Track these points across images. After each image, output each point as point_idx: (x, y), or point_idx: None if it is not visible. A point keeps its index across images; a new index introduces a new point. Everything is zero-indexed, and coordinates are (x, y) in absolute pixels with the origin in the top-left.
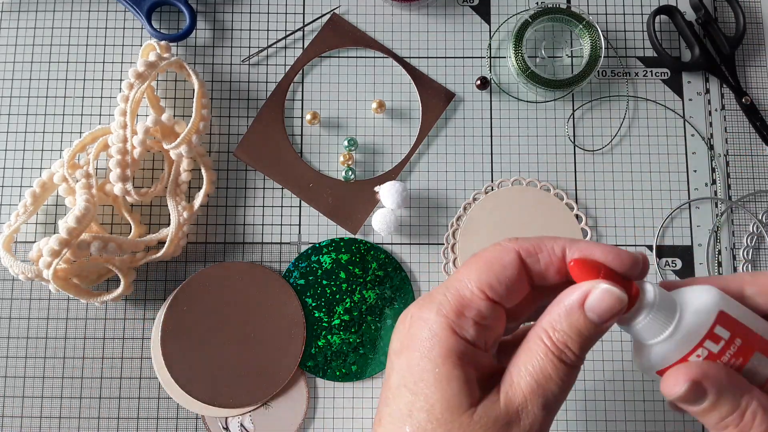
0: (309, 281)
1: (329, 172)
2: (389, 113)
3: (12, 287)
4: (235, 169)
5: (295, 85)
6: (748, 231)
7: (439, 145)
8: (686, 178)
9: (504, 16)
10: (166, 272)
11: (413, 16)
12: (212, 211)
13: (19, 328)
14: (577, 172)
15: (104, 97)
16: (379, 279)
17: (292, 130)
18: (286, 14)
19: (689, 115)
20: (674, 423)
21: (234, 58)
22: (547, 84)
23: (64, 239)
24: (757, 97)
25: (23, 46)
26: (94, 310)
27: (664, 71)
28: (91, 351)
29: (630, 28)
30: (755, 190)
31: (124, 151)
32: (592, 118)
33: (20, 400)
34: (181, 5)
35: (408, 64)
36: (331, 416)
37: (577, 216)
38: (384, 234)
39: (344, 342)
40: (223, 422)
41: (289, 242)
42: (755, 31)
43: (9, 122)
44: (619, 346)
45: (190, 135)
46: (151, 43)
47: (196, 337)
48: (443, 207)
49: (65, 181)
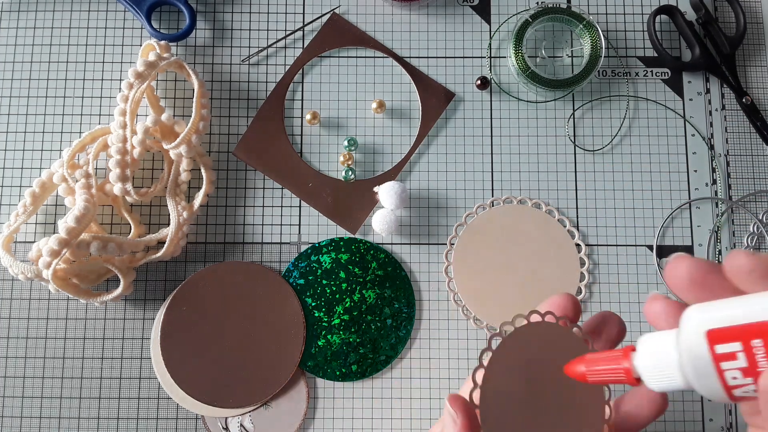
0: (309, 281)
1: (329, 172)
2: (389, 113)
3: (12, 287)
4: (235, 169)
5: (294, 84)
6: (749, 231)
7: (439, 145)
8: (686, 178)
9: (504, 16)
10: (166, 272)
11: (413, 16)
12: (212, 211)
13: (19, 328)
14: (577, 172)
15: (104, 97)
16: (379, 279)
17: (291, 130)
18: (286, 14)
19: (689, 115)
20: (674, 423)
21: (234, 58)
22: (547, 84)
23: (64, 239)
24: (758, 96)
25: (23, 46)
26: (93, 310)
27: (664, 71)
28: (91, 351)
29: (630, 28)
30: (755, 190)
31: (123, 151)
32: (592, 118)
33: (20, 400)
34: (181, 5)
35: (408, 64)
36: (331, 416)
37: (578, 245)
38: (384, 234)
39: (344, 342)
40: (223, 422)
41: (288, 242)
42: (755, 31)
43: (9, 122)
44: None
45: (190, 135)
46: (150, 43)
47: (196, 337)
48: (443, 207)
49: (65, 181)
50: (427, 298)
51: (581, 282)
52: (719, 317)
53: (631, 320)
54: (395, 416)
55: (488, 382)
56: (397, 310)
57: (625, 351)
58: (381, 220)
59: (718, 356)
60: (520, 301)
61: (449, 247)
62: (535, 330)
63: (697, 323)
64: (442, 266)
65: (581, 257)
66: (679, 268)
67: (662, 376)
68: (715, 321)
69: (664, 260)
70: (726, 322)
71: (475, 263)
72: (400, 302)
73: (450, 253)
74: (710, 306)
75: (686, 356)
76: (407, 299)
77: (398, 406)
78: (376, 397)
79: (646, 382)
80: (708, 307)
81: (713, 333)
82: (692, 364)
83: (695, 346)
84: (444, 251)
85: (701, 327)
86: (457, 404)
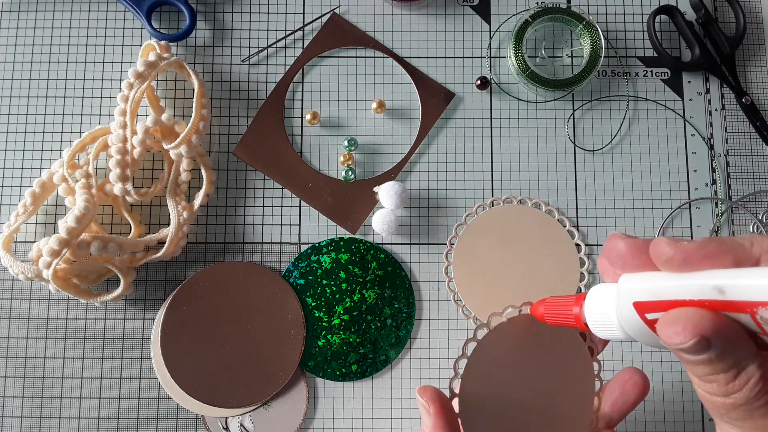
0: (309, 281)
1: (329, 172)
2: (389, 113)
3: (12, 287)
4: (235, 169)
5: (294, 84)
6: (749, 231)
7: (439, 145)
8: (686, 178)
9: (504, 16)
10: (166, 272)
11: (413, 16)
12: (212, 211)
13: (19, 328)
14: (577, 172)
15: (104, 97)
16: (379, 279)
17: (291, 130)
18: (286, 14)
19: (689, 115)
20: (674, 423)
21: (234, 58)
22: (547, 84)
23: (64, 239)
24: (757, 97)
25: (23, 46)
26: (93, 310)
27: (664, 71)
28: (91, 351)
29: (630, 28)
30: (755, 190)
31: (123, 151)
32: (592, 118)
33: (20, 400)
34: (181, 5)
35: (408, 64)
36: (331, 416)
37: (578, 245)
38: (384, 234)
39: (344, 342)
40: (223, 422)
41: (288, 242)
42: (755, 31)
43: (9, 122)
44: (619, 346)
45: (190, 135)
46: (151, 43)
47: (196, 337)
48: (443, 207)
49: (65, 181)
50: (427, 298)
51: (581, 282)
52: (645, 289)
53: None
54: (395, 416)
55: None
56: (397, 310)
57: (578, 298)
58: (381, 220)
59: (649, 321)
60: (520, 301)
61: (449, 247)
62: (524, 322)
63: (627, 294)
64: (442, 266)
65: (581, 257)
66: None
67: (606, 329)
68: (642, 293)
69: None
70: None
71: (475, 263)
72: (400, 302)
73: (450, 253)
74: (638, 277)
75: (623, 320)
76: (407, 299)
77: (398, 406)
78: (376, 397)
79: (592, 329)
80: (636, 278)
81: (640, 305)
82: (629, 326)
83: (627, 313)
84: (444, 251)
85: (630, 298)
86: (426, 394)
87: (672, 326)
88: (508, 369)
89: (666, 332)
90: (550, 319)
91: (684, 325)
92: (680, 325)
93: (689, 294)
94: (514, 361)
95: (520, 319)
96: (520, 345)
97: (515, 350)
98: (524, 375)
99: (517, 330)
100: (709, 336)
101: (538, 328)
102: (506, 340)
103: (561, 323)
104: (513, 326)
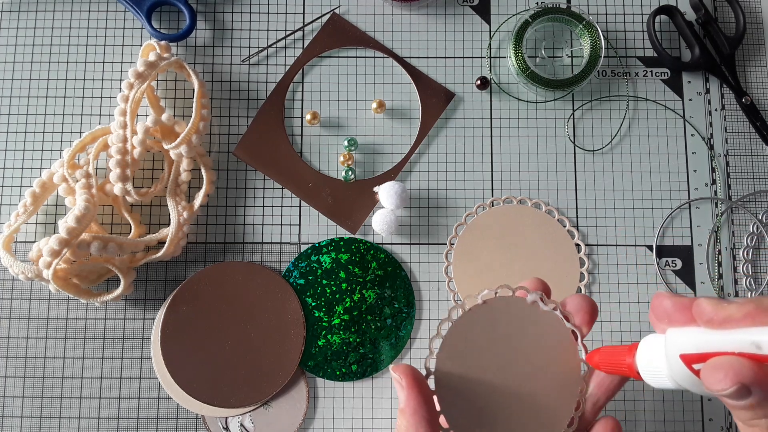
0: (309, 281)
1: (329, 172)
2: (389, 113)
3: (12, 287)
4: (235, 169)
5: (294, 85)
6: (748, 231)
7: (439, 145)
8: (686, 178)
9: (504, 16)
10: (166, 272)
11: (413, 16)
12: (212, 211)
13: (19, 328)
14: (577, 172)
15: (104, 97)
16: (379, 279)
17: (291, 130)
18: (286, 14)
19: (689, 115)
20: (674, 423)
21: (234, 58)
22: (547, 84)
23: (64, 239)
24: (757, 97)
25: (23, 46)
26: (94, 310)
27: (664, 71)
28: (91, 351)
29: (630, 28)
30: (755, 190)
31: (124, 151)
32: (592, 118)
33: (20, 400)
34: (181, 5)
35: (408, 64)
36: (331, 416)
37: (577, 245)
38: (384, 234)
39: (344, 342)
40: (223, 422)
41: (288, 242)
42: (755, 31)
43: (9, 122)
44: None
45: (190, 135)
46: (151, 43)
47: (196, 337)
48: (443, 207)
49: (65, 181)
50: (427, 298)
51: (581, 282)
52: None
53: (630, 320)
54: (395, 416)
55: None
56: (397, 310)
57: (630, 348)
58: (381, 220)
59: (696, 371)
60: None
61: (449, 247)
62: (501, 306)
63: (674, 348)
64: (442, 266)
65: (581, 257)
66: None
67: (657, 379)
68: (687, 347)
69: (664, 260)
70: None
71: (475, 263)
72: (400, 302)
73: (450, 253)
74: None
75: (672, 371)
76: (407, 299)
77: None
78: (376, 397)
79: (645, 379)
80: (682, 332)
81: (686, 357)
82: (678, 375)
83: (675, 364)
84: (444, 251)
85: (677, 351)
86: (399, 369)
87: (715, 373)
88: (485, 350)
89: (709, 379)
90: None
91: (726, 372)
92: (722, 372)
93: (730, 348)
94: (491, 342)
95: (497, 302)
96: (497, 327)
97: (492, 332)
98: (503, 357)
99: (493, 313)
100: (748, 383)
101: (517, 311)
102: (482, 322)
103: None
104: (489, 309)
